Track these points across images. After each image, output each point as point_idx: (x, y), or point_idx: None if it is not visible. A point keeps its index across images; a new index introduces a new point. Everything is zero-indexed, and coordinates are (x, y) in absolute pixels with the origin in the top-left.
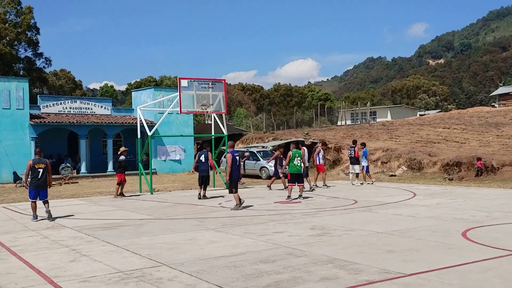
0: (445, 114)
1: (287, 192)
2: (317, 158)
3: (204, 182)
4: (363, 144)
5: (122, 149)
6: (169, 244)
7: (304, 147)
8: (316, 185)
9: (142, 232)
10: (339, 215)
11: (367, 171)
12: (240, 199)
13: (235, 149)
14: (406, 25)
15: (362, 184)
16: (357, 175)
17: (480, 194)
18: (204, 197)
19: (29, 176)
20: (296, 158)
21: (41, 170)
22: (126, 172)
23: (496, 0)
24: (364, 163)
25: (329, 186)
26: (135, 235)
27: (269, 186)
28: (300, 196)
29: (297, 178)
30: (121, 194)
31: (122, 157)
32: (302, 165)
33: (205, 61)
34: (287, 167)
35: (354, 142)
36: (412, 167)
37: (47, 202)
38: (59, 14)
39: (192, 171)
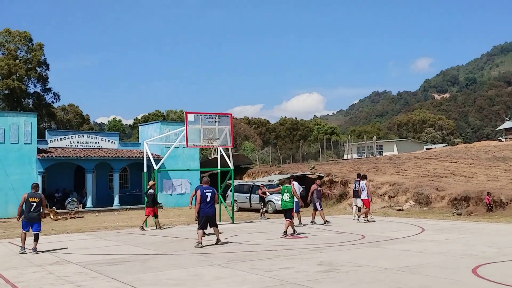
0: (451, 148)
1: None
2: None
3: None
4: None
5: (151, 183)
6: (175, 280)
7: (294, 182)
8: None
9: (147, 267)
10: (346, 250)
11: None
12: (201, 240)
13: (207, 186)
14: (411, 60)
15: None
16: (359, 208)
17: (489, 230)
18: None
19: (23, 209)
20: (285, 194)
21: (34, 204)
22: (132, 207)
23: (500, 36)
24: (364, 196)
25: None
26: (140, 270)
27: (312, 222)
28: (284, 232)
29: (285, 213)
30: (159, 226)
31: (150, 191)
32: (294, 199)
33: (211, 95)
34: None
35: (359, 175)
36: (420, 201)
37: (37, 240)
38: (68, 50)
39: (190, 207)
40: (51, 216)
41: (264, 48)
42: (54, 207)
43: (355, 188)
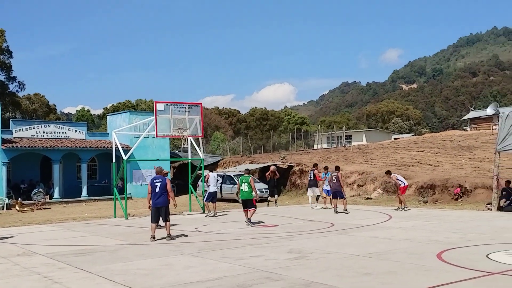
0: (418, 138)
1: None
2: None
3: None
4: (326, 168)
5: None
6: (144, 270)
7: (210, 173)
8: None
9: (116, 258)
10: (316, 238)
11: (329, 194)
12: (154, 234)
13: (158, 176)
14: (380, 51)
15: (324, 208)
16: (317, 198)
17: (454, 216)
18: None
19: None
20: (243, 184)
21: None
22: (100, 197)
23: (466, 27)
24: (326, 187)
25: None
26: (109, 261)
27: (336, 211)
28: (248, 220)
29: (245, 203)
30: None
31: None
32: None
33: (182, 85)
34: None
35: (315, 165)
36: (388, 190)
37: None
38: (33, 39)
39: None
40: (17, 208)
41: (235, 38)
42: (19, 198)
43: (310, 177)
